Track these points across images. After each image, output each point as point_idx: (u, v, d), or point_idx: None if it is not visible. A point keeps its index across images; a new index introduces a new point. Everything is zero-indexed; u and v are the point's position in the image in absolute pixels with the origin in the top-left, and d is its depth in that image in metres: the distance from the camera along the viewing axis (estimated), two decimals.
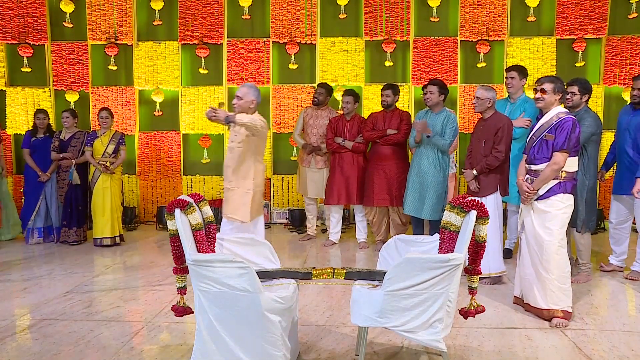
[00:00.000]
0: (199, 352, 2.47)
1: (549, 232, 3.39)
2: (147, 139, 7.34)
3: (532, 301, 3.49)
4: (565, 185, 3.43)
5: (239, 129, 3.88)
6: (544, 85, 3.52)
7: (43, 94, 7.27)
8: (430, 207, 4.82)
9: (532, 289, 3.48)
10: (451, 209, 2.58)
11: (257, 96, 3.95)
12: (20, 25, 7.17)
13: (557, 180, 3.42)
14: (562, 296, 3.37)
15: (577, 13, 6.86)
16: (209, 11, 7.15)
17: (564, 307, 3.37)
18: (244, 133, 3.87)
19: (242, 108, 3.89)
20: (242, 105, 3.90)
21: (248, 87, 3.97)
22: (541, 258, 3.41)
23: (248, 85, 3.99)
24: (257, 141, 3.94)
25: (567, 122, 3.39)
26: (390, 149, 5.32)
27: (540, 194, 3.45)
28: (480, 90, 4.22)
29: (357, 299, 2.53)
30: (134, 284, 4.37)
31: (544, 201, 3.44)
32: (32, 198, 6.07)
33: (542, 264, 3.40)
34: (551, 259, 3.37)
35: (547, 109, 3.54)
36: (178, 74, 7.25)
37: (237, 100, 3.92)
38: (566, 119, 3.42)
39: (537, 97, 3.56)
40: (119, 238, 5.91)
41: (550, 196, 3.42)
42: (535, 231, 3.45)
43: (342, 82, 7.11)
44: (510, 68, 4.97)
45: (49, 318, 3.50)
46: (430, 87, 4.93)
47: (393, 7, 7.04)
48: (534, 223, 3.47)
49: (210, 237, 2.86)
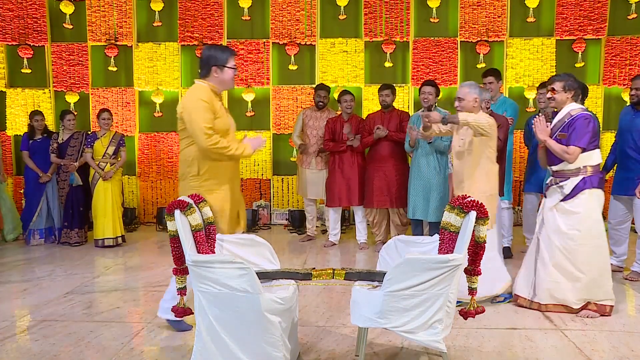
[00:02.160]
0: (199, 353, 2.47)
1: (580, 233, 3.36)
2: (147, 140, 7.34)
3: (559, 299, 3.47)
4: (591, 180, 3.36)
5: (465, 132, 3.68)
6: (553, 85, 3.49)
7: (43, 95, 7.27)
8: (436, 208, 4.82)
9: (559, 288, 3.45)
10: (451, 209, 2.58)
11: (479, 93, 3.68)
12: (20, 27, 7.17)
13: (582, 176, 3.36)
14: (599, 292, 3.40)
15: (577, 14, 6.87)
16: (209, 12, 7.15)
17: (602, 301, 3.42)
18: (470, 134, 3.63)
19: (466, 109, 3.65)
20: (465, 107, 3.66)
21: (468, 86, 3.70)
22: (574, 259, 3.38)
23: (467, 84, 3.73)
24: (488, 141, 3.65)
25: (578, 120, 3.34)
26: (389, 150, 5.32)
27: (566, 193, 3.38)
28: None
29: (357, 299, 2.53)
30: (134, 285, 4.37)
31: (571, 201, 3.38)
32: (33, 199, 6.07)
33: (577, 265, 3.38)
34: (585, 259, 3.36)
35: (560, 108, 3.50)
36: (178, 75, 7.25)
37: (458, 103, 3.69)
38: (578, 115, 3.37)
39: (549, 97, 3.54)
40: (120, 239, 5.92)
41: (577, 194, 3.35)
42: (563, 233, 3.39)
43: (341, 83, 7.11)
44: (486, 73, 5.06)
45: (49, 319, 3.50)
46: (427, 88, 4.94)
47: (393, 8, 7.04)
48: (560, 225, 3.42)
49: (210, 238, 2.86)
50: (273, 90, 7.24)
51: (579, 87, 3.55)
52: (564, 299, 3.46)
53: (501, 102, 5.01)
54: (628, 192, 4.34)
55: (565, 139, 3.39)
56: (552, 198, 3.53)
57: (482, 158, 3.65)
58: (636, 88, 4.30)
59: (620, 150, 4.49)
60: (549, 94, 3.54)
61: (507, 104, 5.02)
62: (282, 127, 7.24)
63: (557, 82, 3.48)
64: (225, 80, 3.11)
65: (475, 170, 3.65)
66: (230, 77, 3.12)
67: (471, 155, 3.67)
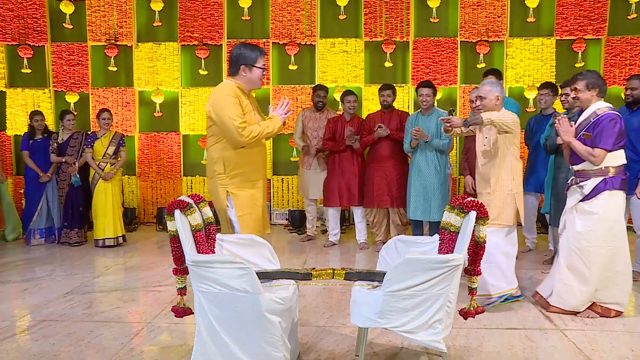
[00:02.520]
0: (199, 353, 2.47)
1: (596, 235, 3.28)
2: (147, 140, 7.35)
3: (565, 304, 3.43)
4: (612, 181, 3.26)
5: (489, 130, 3.63)
6: (576, 84, 3.38)
7: (43, 95, 7.27)
8: (438, 208, 4.81)
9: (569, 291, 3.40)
10: (451, 209, 2.58)
11: (500, 91, 3.61)
12: (20, 27, 7.18)
13: (603, 177, 3.27)
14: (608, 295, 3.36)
15: (577, 14, 6.87)
16: (209, 12, 7.16)
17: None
18: (495, 133, 3.58)
19: (488, 107, 3.61)
20: (487, 105, 3.61)
21: (489, 84, 3.63)
22: (587, 261, 3.32)
23: (489, 82, 3.65)
24: (512, 138, 3.58)
25: (604, 120, 3.23)
26: (389, 150, 5.32)
27: (585, 194, 3.30)
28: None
29: (357, 299, 2.53)
30: (134, 285, 4.37)
31: (590, 202, 3.30)
32: (33, 199, 6.07)
33: (589, 268, 3.31)
34: (599, 262, 3.29)
35: (585, 106, 3.39)
36: (178, 75, 7.25)
37: (479, 102, 3.64)
38: (603, 116, 3.25)
39: (573, 97, 3.45)
40: (121, 238, 5.93)
41: (596, 195, 3.27)
42: (579, 234, 3.33)
43: (342, 83, 7.12)
44: (487, 73, 5.04)
45: (49, 319, 3.50)
46: (425, 90, 4.92)
47: (393, 8, 7.04)
48: (577, 225, 3.35)
49: (210, 238, 2.86)
50: (273, 90, 7.24)
51: (604, 83, 3.42)
52: (573, 306, 3.41)
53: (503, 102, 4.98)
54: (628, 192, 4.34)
55: (590, 139, 3.27)
56: (572, 198, 3.44)
57: (507, 156, 3.59)
58: (631, 88, 4.29)
59: None
60: (573, 94, 3.43)
61: (509, 103, 4.91)
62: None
63: (579, 81, 3.36)
64: (253, 80, 3.12)
65: (501, 169, 3.59)
66: (258, 76, 3.11)
67: (497, 153, 3.60)
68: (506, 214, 3.58)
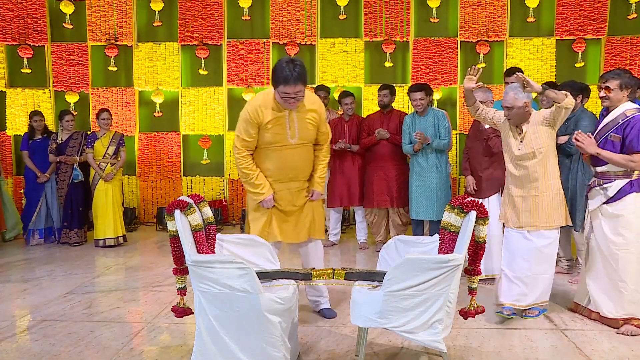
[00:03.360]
0: (199, 353, 2.47)
1: (624, 239, 3.14)
2: (147, 140, 7.34)
3: (603, 310, 3.27)
4: (639, 184, 3.13)
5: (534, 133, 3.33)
6: (608, 83, 3.21)
7: (43, 95, 7.27)
8: (441, 206, 4.77)
9: (603, 297, 3.27)
10: (451, 209, 2.58)
11: (527, 96, 3.28)
12: (20, 27, 7.17)
13: (628, 179, 3.14)
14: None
15: (577, 14, 6.87)
16: (209, 12, 7.15)
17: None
18: (545, 132, 3.30)
19: (517, 117, 3.31)
20: (516, 115, 3.31)
21: (513, 91, 3.28)
22: (617, 267, 3.17)
23: (512, 89, 3.30)
24: (553, 133, 3.35)
25: (637, 123, 3.09)
26: (389, 150, 5.31)
27: (610, 196, 3.19)
28: (479, 94, 4.02)
29: (357, 299, 2.54)
30: (134, 285, 4.37)
31: (615, 204, 3.17)
32: (32, 199, 6.07)
33: (619, 273, 3.16)
34: (629, 268, 3.14)
35: (614, 107, 3.25)
36: (178, 75, 7.25)
37: (507, 112, 3.33)
38: (636, 117, 3.11)
39: (602, 96, 3.27)
40: (121, 238, 5.93)
41: (622, 197, 3.14)
42: (607, 238, 3.19)
43: (342, 83, 7.11)
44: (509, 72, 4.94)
45: (49, 319, 3.50)
46: (417, 94, 4.88)
47: (393, 8, 7.04)
48: (604, 229, 3.21)
49: (210, 238, 2.86)
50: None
51: (637, 84, 3.32)
52: (607, 311, 3.25)
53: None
54: None
55: (619, 141, 3.14)
56: (594, 200, 3.30)
57: (551, 153, 3.35)
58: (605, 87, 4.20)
59: None
60: (603, 93, 3.27)
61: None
62: None
63: (612, 80, 3.21)
64: (279, 100, 3.10)
65: (548, 167, 3.34)
66: (280, 99, 3.08)
67: (542, 152, 3.30)
68: (558, 214, 3.35)
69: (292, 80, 2.95)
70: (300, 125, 3.19)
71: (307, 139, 3.27)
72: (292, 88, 2.98)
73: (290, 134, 3.18)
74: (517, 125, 3.37)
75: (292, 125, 3.17)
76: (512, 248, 3.41)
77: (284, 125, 3.15)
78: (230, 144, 7.26)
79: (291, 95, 3.00)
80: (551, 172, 3.34)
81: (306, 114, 3.21)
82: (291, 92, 2.99)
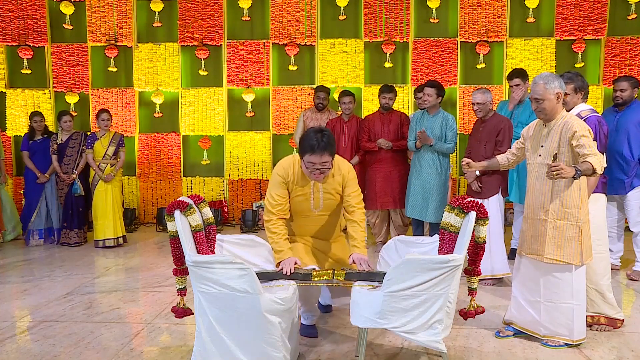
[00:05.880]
0: (199, 354, 2.47)
1: None
2: (147, 141, 7.35)
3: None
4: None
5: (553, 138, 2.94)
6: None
7: (43, 95, 7.27)
8: (435, 209, 4.80)
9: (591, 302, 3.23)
10: (451, 210, 2.58)
11: (560, 85, 2.90)
12: (20, 27, 7.18)
13: None
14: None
15: (577, 14, 6.87)
16: (209, 13, 7.16)
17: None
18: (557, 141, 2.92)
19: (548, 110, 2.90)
20: (547, 108, 2.90)
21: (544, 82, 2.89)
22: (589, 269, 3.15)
23: (542, 78, 2.90)
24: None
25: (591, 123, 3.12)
26: (389, 151, 5.31)
27: None
28: (478, 95, 4.12)
29: (357, 300, 2.54)
30: (134, 286, 4.37)
31: None
32: (32, 200, 6.07)
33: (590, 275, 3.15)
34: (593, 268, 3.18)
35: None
36: (178, 75, 7.25)
37: (536, 105, 2.93)
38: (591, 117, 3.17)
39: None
40: (121, 239, 5.93)
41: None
42: None
43: (341, 84, 7.11)
44: (511, 75, 4.89)
45: (49, 320, 3.50)
46: (428, 90, 4.88)
47: (392, 8, 7.04)
48: None
49: (210, 239, 2.86)
50: (273, 91, 7.24)
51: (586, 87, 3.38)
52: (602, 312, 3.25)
53: (527, 104, 4.79)
54: (617, 192, 4.42)
55: None
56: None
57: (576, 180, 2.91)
58: (620, 89, 4.27)
59: (608, 150, 4.47)
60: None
61: (527, 104, 4.81)
62: (282, 128, 7.24)
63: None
64: (305, 171, 2.95)
65: (569, 190, 2.93)
66: (305, 170, 2.93)
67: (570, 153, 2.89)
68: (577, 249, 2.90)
69: (318, 150, 2.79)
70: (325, 196, 3.06)
71: (332, 208, 3.12)
72: (318, 158, 2.81)
73: (314, 204, 3.06)
74: (546, 122, 2.96)
75: (317, 196, 3.04)
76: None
77: (307, 196, 3.03)
78: (230, 144, 7.28)
79: (317, 166, 2.84)
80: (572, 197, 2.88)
81: (332, 183, 3.05)
82: (317, 162, 2.83)
